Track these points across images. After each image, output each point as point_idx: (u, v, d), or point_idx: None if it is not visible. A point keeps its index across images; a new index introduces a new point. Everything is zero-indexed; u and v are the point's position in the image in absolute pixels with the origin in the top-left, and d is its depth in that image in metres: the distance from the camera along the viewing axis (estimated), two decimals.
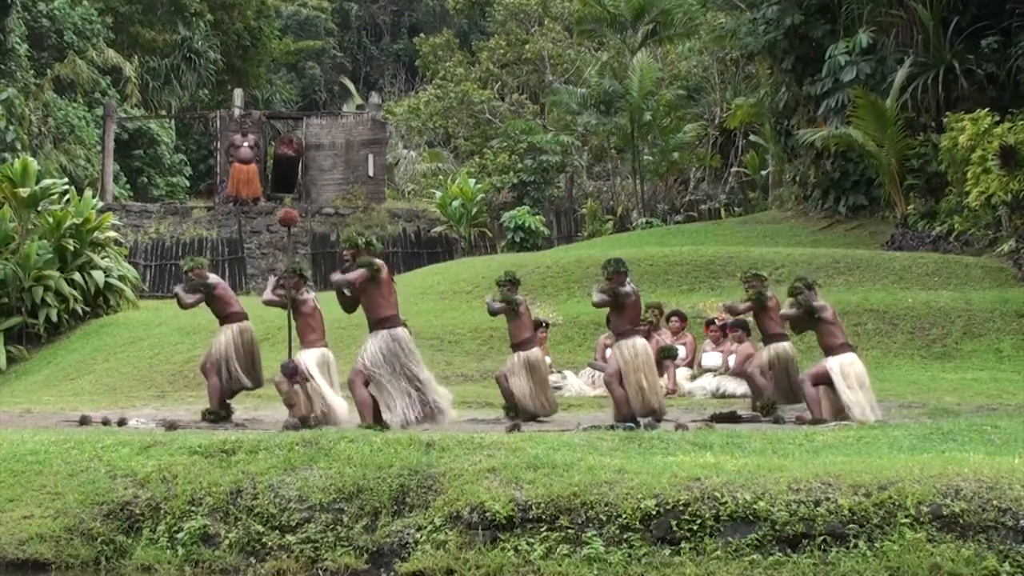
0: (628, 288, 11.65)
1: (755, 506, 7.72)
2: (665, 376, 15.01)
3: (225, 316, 12.74)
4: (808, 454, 8.99)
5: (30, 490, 9.24)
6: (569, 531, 7.98)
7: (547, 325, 15.80)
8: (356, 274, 11.03)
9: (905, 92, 22.62)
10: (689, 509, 7.82)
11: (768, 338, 13.02)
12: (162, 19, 43.87)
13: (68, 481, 9.27)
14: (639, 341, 11.63)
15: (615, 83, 32.61)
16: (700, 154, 36.26)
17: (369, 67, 59.48)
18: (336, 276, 11.42)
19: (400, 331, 11.08)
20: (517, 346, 12.72)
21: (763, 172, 33.90)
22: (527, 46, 41.20)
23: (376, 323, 11.07)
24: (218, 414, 12.47)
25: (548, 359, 14.93)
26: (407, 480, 8.62)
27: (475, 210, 30.68)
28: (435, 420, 11.02)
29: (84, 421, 12.40)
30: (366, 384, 10.98)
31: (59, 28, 38.20)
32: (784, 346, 12.91)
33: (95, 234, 20.83)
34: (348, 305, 11.41)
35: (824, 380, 11.77)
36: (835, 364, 11.72)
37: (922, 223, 22.23)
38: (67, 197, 21.12)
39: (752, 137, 34.00)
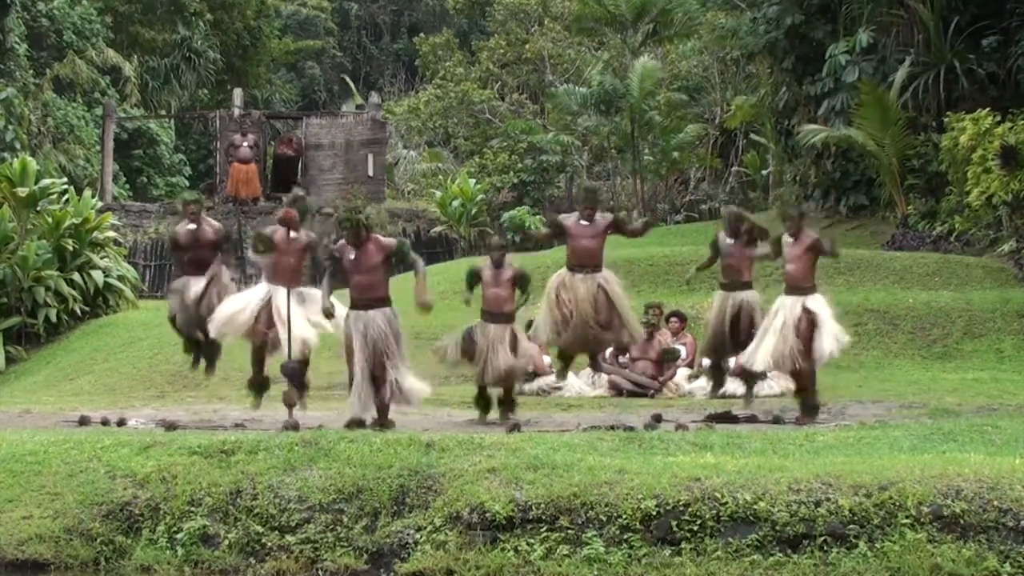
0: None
1: (755, 506, 7.71)
2: (672, 381, 15.05)
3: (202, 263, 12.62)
4: (808, 454, 8.98)
5: (29, 490, 9.23)
6: (569, 531, 7.97)
7: None
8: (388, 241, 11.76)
9: (906, 92, 22.61)
10: (689, 509, 7.81)
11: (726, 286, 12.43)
12: (162, 19, 43.82)
13: (67, 481, 9.26)
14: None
15: (616, 83, 32.58)
16: (700, 154, 36.24)
17: (369, 67, 59.42)
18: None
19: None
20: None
21: (764, 172, 33.88)
22: (527, 46, 41.15)
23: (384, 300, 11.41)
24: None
25: (548, 359, 14.93)
26: (407, 480, 8.61)
27: (475, 210, 30.65)
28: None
29: (83, 421, 12.38)
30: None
31: (58, 28, 38.16)
32: (745, 295, 12.34)
33: (94, 234, 20.78)
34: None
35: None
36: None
37: (923, 223, 22.21)
38: (66, 197, 21.08)
39: (753, 137, 33.99)
